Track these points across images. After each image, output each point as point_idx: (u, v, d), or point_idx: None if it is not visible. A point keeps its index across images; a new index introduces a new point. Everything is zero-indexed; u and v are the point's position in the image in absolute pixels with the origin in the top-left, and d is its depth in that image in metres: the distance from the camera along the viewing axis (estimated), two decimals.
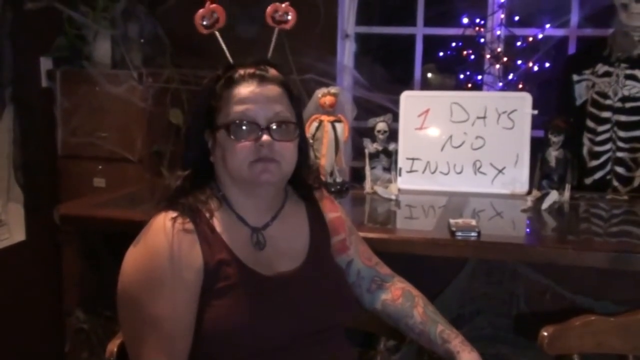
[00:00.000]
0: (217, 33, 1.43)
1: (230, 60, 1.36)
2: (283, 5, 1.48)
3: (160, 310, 1.20)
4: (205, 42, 1.45)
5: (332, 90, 2.41)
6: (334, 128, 2.38)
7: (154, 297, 1.21)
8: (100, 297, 2.22)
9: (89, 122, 3.03)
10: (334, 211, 1.48)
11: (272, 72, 1.32)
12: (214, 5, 1.44)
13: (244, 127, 1.26)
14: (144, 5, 3.31)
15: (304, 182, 1.43)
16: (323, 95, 2.39)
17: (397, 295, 1.49)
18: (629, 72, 2.59)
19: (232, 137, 1.26)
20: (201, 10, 1.43)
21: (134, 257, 1.26)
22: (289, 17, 1.47)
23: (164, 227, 1.24)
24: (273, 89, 1.30)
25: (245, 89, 1.28)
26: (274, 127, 1.27)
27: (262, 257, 1.31)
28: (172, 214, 1.26)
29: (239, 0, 3.48)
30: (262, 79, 1.30)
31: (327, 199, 1.49)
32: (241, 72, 1.30)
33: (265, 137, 1.26)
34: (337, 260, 1.47)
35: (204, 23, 1.43)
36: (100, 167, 3.04)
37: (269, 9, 1.47)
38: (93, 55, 3.14)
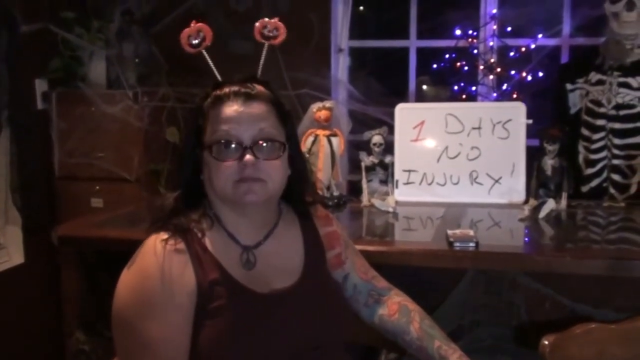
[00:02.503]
0: (204, 52, 1.44)
1: (219, 78, 1.36)
2: (272, 20, 1.48)
3: (153, 332, 1.20)
4: (199, 60, 1.46)
5: (327, 104, 2.42)
6: (329, 142, 2.38)
7: (147, 320, 1.20)
8: (100, 318, 2.21)
9: (86, 142, 3.04)
10: (328, 225, 1.47)
11: (259, 89, 1.30)
12: (200, 24, 1.44)
13: (227, 147, 1.25)
14: (138, 25, 3.33)
15: (299, 198, 1.42)
16: (318, 109, 2.40)
17: (394, 310, 1.48)
18: (622, 79, 2.60)
19: (214, 156, 1.25)
20: (187, 29, 1.43)
21: (126, 280, 1.25)
22: (278, 33, 1.48)
23: (155, 249, 1.23)
24: (258, 107, 1.29)
25: (229, 108, 1.27)
26: (259, 145, 1.26)
27: (257, 275, 1.30)
28: (164, 235, 1.25)
29: (232, 17, 3.52)
30: (248, 97, 1.28)
31: (322, 213, 1.49)
32: (226, 90, 1.29)
33: (248, 157, 1.24)
34: (333, 274, 1.46)
35: (193, 42, 1.43)
36: (97, 187, 3.05)
37: (258, 24, 1.47)
38: (88, 75, 3.16)
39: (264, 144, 1.27)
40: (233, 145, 1.25)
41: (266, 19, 1.48)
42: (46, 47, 3.07)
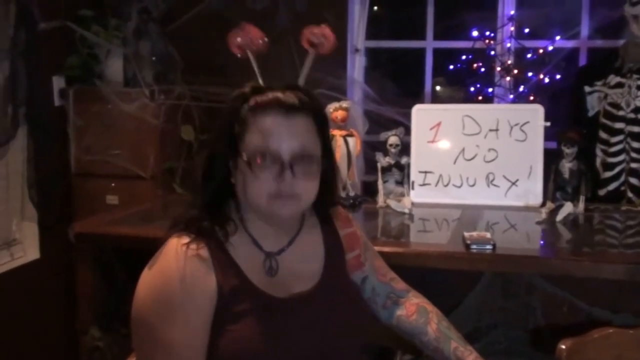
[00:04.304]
0: (249, 53, 1.42)
1: (261, 81, 1.33)
2: (317, 28, 1.45)
3: (172, 335, 1.19)
4: (215, 59, 1.46)
5: (344, 104, 2.42)
6: (346, 142, 2.38)
7: (166, 323, 1.19)
8: (115, 314, 2.22)
9: (102, 139, 3.04)
10: (348, 227, 1.46)
11: (303, 100, 1.24)
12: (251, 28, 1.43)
13: (264, 160, 1.21)
14: (156, 24, 3.34)
15: (325, 205, 1.40)
16: (335, 109, 2.40)
17: (412, 311, 1.47)
18: None
19: (251, 168, 1.22)
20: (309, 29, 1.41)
21: (147, 281, 1.24)
22: (325, 40, 1.45)
23: (177, 252, 1.22)
24: (301, 121, 1.24)
25: (271, 119, 1.22)
26: (298, 162, 1.22)
27: (277, 280, 1.29)
28: (186, 238, 1.23)
29: (248, 16, 3.52)
30: (291, 109, 1.23)
31: (342, 215, 1.47)
32: (270, 97, 1.24)
33: (286, 174, 1.21)
34: (353, 276, 1.44)
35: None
36: (113, 184, 3.06)
37: (305, 31, 1.44)
38: (105, 73, 3.17)
39: (303, 161, 1.23)
40: (271, 161, 1.21)
41: (313, 27, 1.44)
42: (64, 44, 3.08)
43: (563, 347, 1.56)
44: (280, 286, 1.28)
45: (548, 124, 2.37)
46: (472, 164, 2.41)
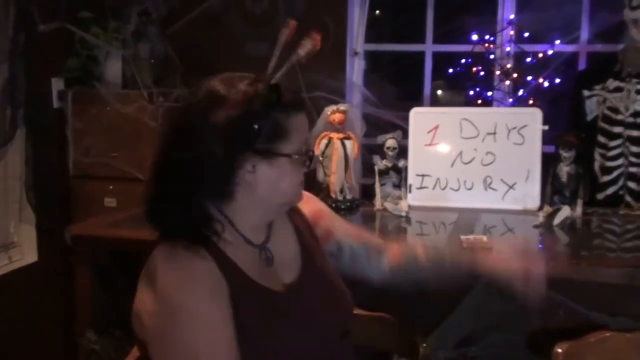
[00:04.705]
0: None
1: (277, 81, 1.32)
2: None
3: (213, 349, 1.15)
4: (215, 61, 1.46)
5: (342, 107, 2.42)
6: (343, 145, 2.38)
7: (204, 336, 1.14)
8: (112, 318, 2.22)
9: (100, 142, 3.05)
10: (310, 203, 1.48)
11: None
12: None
13: (306, 156, 1.29)
14: (155, 26, 3.34)
15: None
16: (332, 112, 2.40)
17: (398, 253, 1.52)
18: None
19: (299, 165, 1.27)
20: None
21: (169, 285, 1.17)
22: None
23: (182, 260, 1.18)
24: None
25: (302, 118, 1.28)
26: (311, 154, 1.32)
27: (270, 274, 1.30)
28: (184, 246, 1.20)
29: (248, 19, 3.53)
30: (304, 106, 1.31)
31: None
32: (295, 97, 1.28)
33: (309, 164, 1.31)
34: (328, 247, 1.47)
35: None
36: (111, 187, 3.06)
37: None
38: (104, 75, 3.17)
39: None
40: (307, 154, 1.29)
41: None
42: (63, 46, 3.09)
43: (559, 351, 1.56)
44: (273, 279, 1.29)
45: (546, 127, 2.37)
46: (470, 167, 2.40)
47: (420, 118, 2.49)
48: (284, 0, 3.53)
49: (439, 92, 3.94)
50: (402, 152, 2.46)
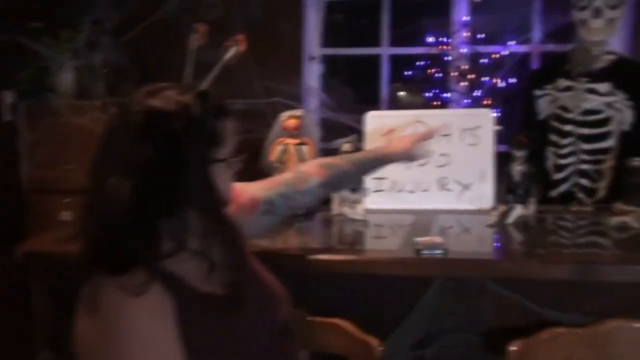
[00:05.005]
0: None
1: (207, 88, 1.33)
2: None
3: None
4: (169, 69, 1.45)
5: (297, 113, 2.42)
6: (299, 151, 2.38)
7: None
8: (69, 336, 2.17)
9: (54, 154, 3.01)
10: None
11: None
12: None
13: (239, 158, 1.31)
14: (108, 35, 3.31)
15: None
16: (287, 118, 2.40)
17: (316, 170, 1.66)
18: (589, 86, 2.62)
19: (232, 168, 1.30)
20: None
21: (109, 307, 1.15)
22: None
23: (125, 280, 1.15)
24: None
25: (232, 122, 1.30)
26: None
27: (212, 277, 1.27)
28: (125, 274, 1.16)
29: (210, 29, 3.50)
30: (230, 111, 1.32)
31: None
32: (221, 103, 1.29)
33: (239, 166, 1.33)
34: (261, 210, 1.56)
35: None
36: (67, 200, 3.01)
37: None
38: (57, 86, 3.13)
39: None
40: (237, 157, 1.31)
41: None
42: (14, 58, 3.04)
43: (513, 348, 1.58)
44: (215, 282, 1.28)
45: (499, 127, 2.39)
46: (425, 169, 2.42)
47: (375, 121, 2.49)
48: (239, 6, 3.52)
49: (400, 94, 3.97)
50: None
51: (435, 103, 3.58)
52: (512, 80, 3.57)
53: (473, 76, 3.58)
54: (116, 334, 1.13)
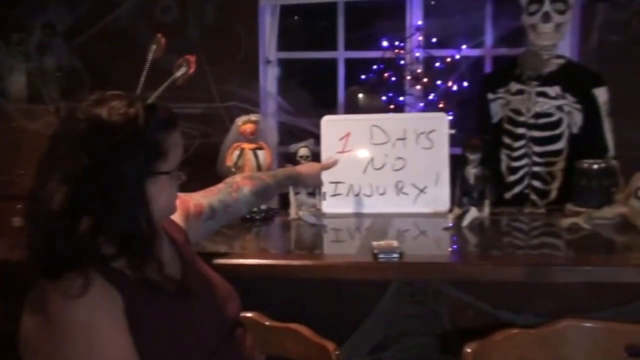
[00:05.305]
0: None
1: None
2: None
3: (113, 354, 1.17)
4: (124, 73, 1.43)
5: (253, 117, 2.42)
6: (255, 155, 2.37)
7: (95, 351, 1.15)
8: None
9: (5, 159, 2.94)
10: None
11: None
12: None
13: (183, 171, 1.33)
14: (60, 38, 3.25)
15: None
16: (243, 122, 2.39)
17: (245, 181, 1.83)
18: (540, 89, 2.68)
19: (176, 180, 1.32)
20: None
21: (58, 306, 1.15)
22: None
23: (72, 278, 1.16)
24: None
25: (177, 134, 1.30)
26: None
27: (161, 276, 1.30)
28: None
29: (158, 30, 3.47)
30: (178, 123, 1.33)
31: None
32: (171, 113, 1.30)
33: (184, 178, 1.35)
34: (204, 216, 1.67)
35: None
36: (19, 205, 2.94)
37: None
38: (8, 90, 3.07)
39: None
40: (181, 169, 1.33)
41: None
42: None
43: (468, 350, 1.60)
44: (166, 281, 1.31)
45: (453, 131, 2.42)
46: (382, 172, 2.44)
47: (331, 126, 2.51)
48: (194, 10, 3.50)
49: (360, 96, 3.99)
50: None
51: (391, 106, 3.61)
52: (466, 84, 3.62)
53: (427, 80, 3.62)
54: (60, 332, 1.14)
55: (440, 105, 3.51)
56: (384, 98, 3.67)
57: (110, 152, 1.18)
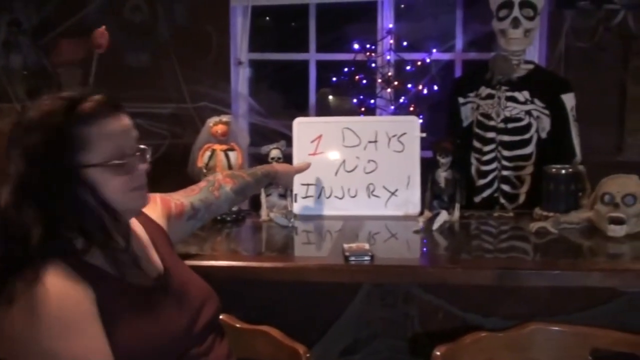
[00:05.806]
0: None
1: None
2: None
3: (79, 350, 1.17)
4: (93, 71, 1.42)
5: (224, 118, 2.40)
6: (227, 157, 2.36)
7: (72, 338, 1.17)
8: None
9: None
10: (155, 203, 1.60)
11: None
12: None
13: (128, 158, 1.29)
14: (27, 36, 3.20)
15: None
16: (215, 124, 2.38)
17: (226, 180, 1.89)
18: (509, 94, 2.71)
19: (120, 171, 1.28)
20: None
21: (29, 300, 1.17)
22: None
23: (44, 274, 1.18)
24: (127, 116, 1.34)
25: (110, 122, 1.28)
26: (145, 155, 1.35)
27: (139, 273, 1.34)
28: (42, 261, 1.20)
29: (127, 29, 3.43)
30: (120, 109, 1.31)
31: None
32: (97, 102, 1.27)
33: (146, 166, 1.35)
34: (186, 215, 1.69)
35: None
36: None
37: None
38: None
39: (145, 153, 1.35)
40: (130, 157, 1.30)
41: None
42: None
43: (438, 353, 1.61)
44: (143, 277, 1.35)
45: (424, 134, 2.43)
46: (353, 175, 2.44)
47: (303, 127, 2.50)
48: (164, 10, 3.47)
49: (331, 98, 4.00)
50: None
51: (361, 109, 3.62)
52: (436, 88, 3.65)
53: (398, 83, 3.64)
54: (29, 323, 1.15)
55: (411, 109, 3.53)
56: (354, 100, 3.68)
57: (35, 148, 1.21)
